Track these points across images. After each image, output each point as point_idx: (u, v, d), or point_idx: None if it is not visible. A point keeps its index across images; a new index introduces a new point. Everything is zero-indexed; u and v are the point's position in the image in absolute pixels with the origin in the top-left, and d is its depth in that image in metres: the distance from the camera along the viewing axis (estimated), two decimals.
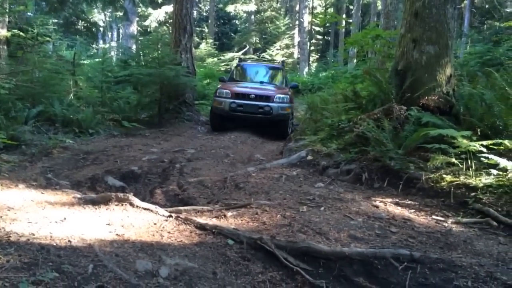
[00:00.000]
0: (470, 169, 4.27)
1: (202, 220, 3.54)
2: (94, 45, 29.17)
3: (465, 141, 4.38)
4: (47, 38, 10.73)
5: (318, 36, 34.97)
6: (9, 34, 9.99)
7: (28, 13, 12.75)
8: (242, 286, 2.65)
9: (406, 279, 2.69)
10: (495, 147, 4.31)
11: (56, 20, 15.50)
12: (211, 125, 10.13)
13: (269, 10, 34.19)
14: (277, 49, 31.79)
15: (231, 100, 9.38)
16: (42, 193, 4.12)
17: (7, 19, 10.39)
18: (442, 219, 3.79)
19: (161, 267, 2.63)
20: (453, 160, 4.45)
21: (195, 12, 29.76)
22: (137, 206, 3.80)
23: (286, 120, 9.57)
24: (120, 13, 18.72)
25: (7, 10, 10.07)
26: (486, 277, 2.64)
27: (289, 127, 9.65)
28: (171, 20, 13.49)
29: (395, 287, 2.67)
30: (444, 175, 4.40)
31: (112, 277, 2.38)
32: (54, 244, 2.73)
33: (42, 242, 2.73)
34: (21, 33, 9.42)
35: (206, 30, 34.66)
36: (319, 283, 2.68)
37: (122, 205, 3.78)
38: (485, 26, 21.07)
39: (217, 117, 9.85)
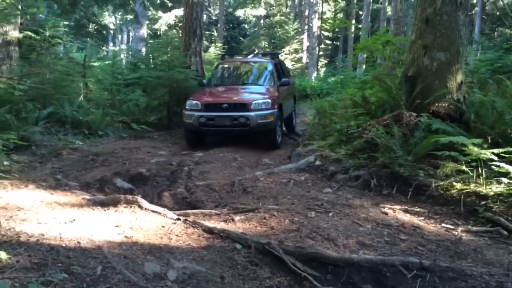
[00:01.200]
0: (481, 177, 4.24)
1: (210, 223, 3.54)
2: (104, 48, 29.41)
3: (475, 148, 4.34)
4: (58, 40, 10.84)
5: (327, 41, 34.97)
6: (21, 35, 10.10)
7: (40, 15, 12.88)
8: None
9: (415, 287, 2.67)
10: (506, 155, 4.26)
11: (67, 23, 15.63)
12: (186, 141, 8.50)
13: (278, 14, 34.24)
14: (286, 54, 31.79)
15: (200, 114, 7.80)
16: (51, 193, 4.15)
17: (19, 21, 10.50)
18: (452, 227, 3.76)
19: (169, 270, 2.63)
20: (464, 168, 4.41)
21: (204, 16, 29.90)
22: (145, 209, 3.81)
23: (271, 129, 7.99)
24: (130, 16, 18.88)
25: (19, 12, 10.18)
26: (497, 287, 2.62)
27: (278, 136, 8.27)
28: (181, 24, 13.57)
29: None
30: (454, 183, 4.36)
31: (120, 279, 2.39)
32: (64, 245, 2.74)
33: (51, 243, 2.75)
34: (33, 35, 9.53)
35: (216, 34, 34.77)
36: None
37: (131, 207, 3.79)
38: (496, 33, 20.95)
39: (190, 133, 8.28)
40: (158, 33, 29.26)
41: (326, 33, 32.97)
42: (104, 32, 17.47)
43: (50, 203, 3.74)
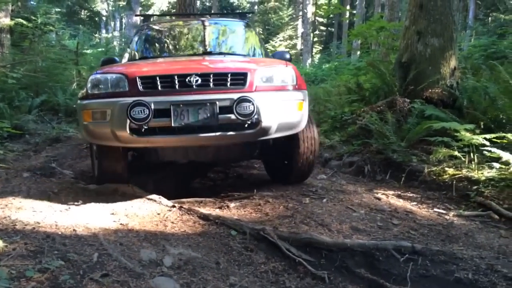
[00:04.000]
0: (473, 162, 4.28)
1: (205, 210, 3.57)
2: (96, 35, 29.10)
3: (468, 134, 4.38)
4: (50, 28, 10.73)
5: (322, 28, 34.80)
6: (12, 23, 9.99)
7: (31, 2, 12.72)
8: (245, 276, 2.67)
9: (407, 270, 2.71)
10: (498, 141, 4.31)
11: (59, 9, 15.44)
12: (96, 177, 4.22)
13: (272, 0, 33.99)
14: (280, 40, 31.64)
15: (134, 100, 3.36)
16: (46, 182, 4.15)
17: (10, 8, 10.36)
18: (444, 212, 3.81)
19: (165, 256, 2.65)
20: (456, 153, 4.45)
21: (198, 2, 29.62)
22: (140, 196, 3.83)
23: (297, 139, 4.01)
24: (123, 3, 18.67)
25: None
26: (487, 269, 2.66)
27: (314, 158, 4.20)
28: (174, 10, 13.44)
29: (396, 279, 2.69)
30: (446, 168, 4.41)
31: (117, 266, 2.41)
32: (59, 233, 2.76)
33: (47, 231, 2.76)
34: (24, 22, 9.43)
35: None
36: (321, 274, 2.70)
37: (126, 195, 3.81)
38: (490, 18, 20.91)
39: (103, 158, 4.01)
40: (152, 19, 28.99)
41: (321, 19, 32.78)
42: (96, 18, 17.34)
43: (45, 191, 3.75)
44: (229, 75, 3.58)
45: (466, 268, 2.68)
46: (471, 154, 4.33)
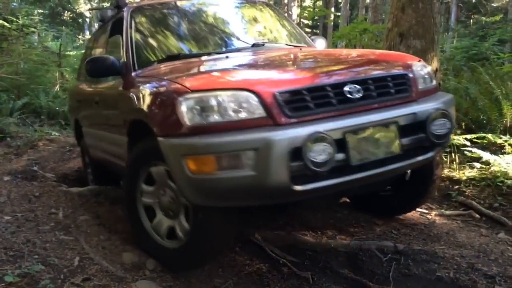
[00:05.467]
0: (454, 162, 4.34)
1: None
2: (80, 36, 28.81)
3: None
4: (32, 29, 10.59)
5: (307, 29, 34.97)
6: None
7: (13, 3, 12.54)
8: (229, 278, 2.67)
9: (390, 270, 2.73)
10: (478, 141, 4.39)
11: (41, 11, 15.26)
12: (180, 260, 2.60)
13: None
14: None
15: (311, 131, 2.02)
16: (28, 185, 4.09)
17: None
18: (426, 211, 3.85)
19: (148, 259, 2.64)
20: None
21: None
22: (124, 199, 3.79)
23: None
24: (107, 4, 18.53)
25: None
26: (468, 268, 2.70)
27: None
28: None
29: (379, 278, 2.71)
30: None
31: (98, 270, 2.39)
32: (40, 237, 2.72)
33: (28, 235, 2.72)
34: (5, 24, 9.29)
35: None
36: (305, 275, 2.71)
37: (109, 197, 3.77)
38: (471, 20, 21.27)
39: (212, 233, 2.42)
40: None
41: (306, 21, 32.97)
42: (79, 20, 17.14)
43: (26, 195, 3.70)
44: (389, 78, 2.50)
45: (447, 267, 2.72)
46: (453, 154, 4.39)
